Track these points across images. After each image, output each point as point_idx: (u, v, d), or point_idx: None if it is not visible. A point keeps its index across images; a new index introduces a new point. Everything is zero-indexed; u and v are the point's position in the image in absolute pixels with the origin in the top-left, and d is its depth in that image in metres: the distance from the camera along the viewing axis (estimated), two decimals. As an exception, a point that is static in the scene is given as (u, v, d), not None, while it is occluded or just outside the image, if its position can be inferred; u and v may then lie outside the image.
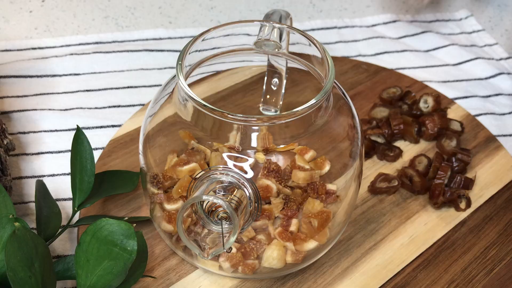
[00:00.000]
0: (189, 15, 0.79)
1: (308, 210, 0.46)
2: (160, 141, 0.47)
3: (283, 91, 0.55)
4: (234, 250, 0.46)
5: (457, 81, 0.73)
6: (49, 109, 0.63)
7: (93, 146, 0.59)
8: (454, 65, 0.75)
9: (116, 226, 0.42)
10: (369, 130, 0.61)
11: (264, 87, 0.55)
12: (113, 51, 0.70)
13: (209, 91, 0.64)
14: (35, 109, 0.63)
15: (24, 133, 0.61)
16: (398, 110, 0.63)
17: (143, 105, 0.65)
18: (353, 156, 0.47)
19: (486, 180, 0.59)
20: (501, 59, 0.77)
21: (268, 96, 0.55)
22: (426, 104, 0.64)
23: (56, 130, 0.62)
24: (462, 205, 0.56)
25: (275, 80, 0.54)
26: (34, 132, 0.61)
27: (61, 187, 0.57)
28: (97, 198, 0.51)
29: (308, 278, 0.50)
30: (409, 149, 0.61)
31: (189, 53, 0.45)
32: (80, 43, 0.72)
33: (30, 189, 0.56)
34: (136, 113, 0.63)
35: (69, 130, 0.62)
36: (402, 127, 0.61)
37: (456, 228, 0.55)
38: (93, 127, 0.62)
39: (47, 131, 0.61)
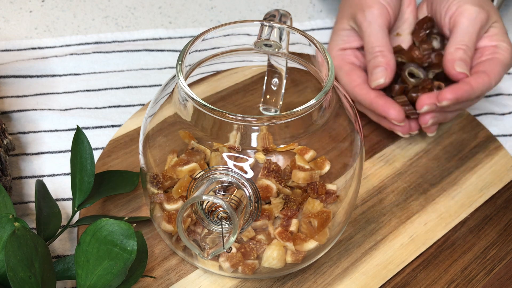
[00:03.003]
0: (189, 15, 0.79)
1: (308, 210, 0.46)
2: (160, 141, 0.47)
3: (283, 91, 0.55)
4: (234, 250, 0.46)
5: (457, 81, 0.73)
6: (49, 109, 0.63)
7: (93, 146, 0.59)
8: (454, 65, 0.75)
9: (116, 226, 0.42)
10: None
11: (264, 87, 0.55)
12: (113, 51, 0.70)
13: (209, 91, 0.64)
14: (35, 109, 0.63)
15: (24, 133, 0.61)
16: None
17: (143, 105, 0.65)
18: (353, 156, 0.47)
19: (486, 180, 0.59)
20: (501, 59, 0.77)
21: (268, 96, 0.55)
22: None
23: (56, 130, 0.61)
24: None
25: (275, 80, 0.54)
26: (34, 132, 0.61)
27: (61, 187, 0.57)
28: (97, 198, 0.51)
29: (308, 278, 0.50)
30: (409, 149, 0.61)
31: (189, 53, 0.45)
32: (80, 43, 0.72)
33: (30, 189, 0.56)
34: (136, 113, 0.63)
35: (69, 130, 0.62)
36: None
37: (456, 228, 0.55)
38: (93, 127, 0.62)
39: (47, 131, 0.61)
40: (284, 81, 0.54)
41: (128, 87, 0.67)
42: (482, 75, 0.57)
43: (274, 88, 0.55)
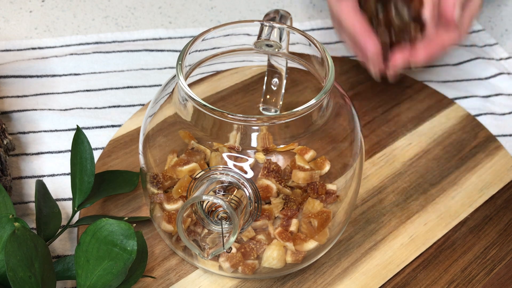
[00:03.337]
0: (189, 15, 0.79)
1: (308, 210, 0.46)
2: (160, 141, 0.47)
3: (283, 91, 0.55)
4: (234, 250, 0.46)
5: (457, 81, 0.73)
6: (49, 109, 0.63)
7: (93, 146, 0.59)
8: (454, 65, 0.75)
9: (116, 226, 0.42)
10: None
11: (264, 87, 0.55)
12: (113, 51, 0.70)
13: (209, 91, 0.64)
14: (35, 109, 0.63)
15: (24, 133, 0.61)
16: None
17: (143, 105, 0.65)
18: (353, 156, 0.47)
19: (486, 180, 0.59)
20: (501, 59, 0.77)
21: (268, 96, 0.55)
22: None
23: (56, 130, 0.61)
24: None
25: (275, 80, 0.54)
26: (34, 132, 0.61)
27: (61, 187, 0.57)
28: (97, 198, 0.51)
29: (308, 278, 0.50)
30: (409, 149, 0.61)
31: (189, 53, 0.45)
32: (80, 43, 0.72)
33: (30, 189, 0.56)
34: (136, 113, 0.63)
35: (69, 130, 0.62)
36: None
37: (456, 228, 0.55)
38: (93, 127, 0.62)
39: (47, 131, 0.61)
40: (284, 81, 0.54)
41: (128, 87, 0.67)
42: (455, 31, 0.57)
43: (274, 88, 0.55)
